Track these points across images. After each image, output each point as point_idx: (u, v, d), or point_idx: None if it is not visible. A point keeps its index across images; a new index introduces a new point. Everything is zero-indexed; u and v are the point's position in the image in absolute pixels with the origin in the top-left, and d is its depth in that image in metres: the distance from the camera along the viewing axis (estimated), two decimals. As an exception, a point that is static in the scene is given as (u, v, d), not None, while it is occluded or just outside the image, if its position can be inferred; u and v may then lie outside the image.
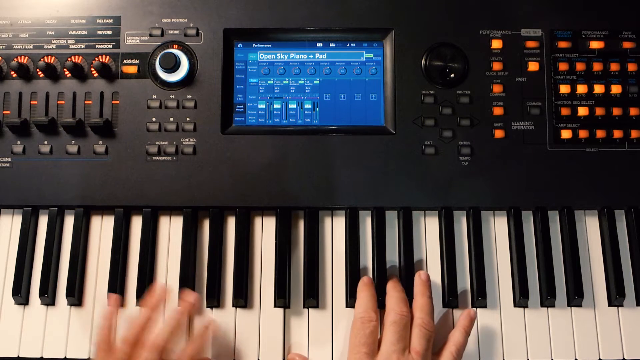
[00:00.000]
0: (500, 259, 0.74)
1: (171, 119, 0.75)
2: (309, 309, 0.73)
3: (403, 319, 0.67)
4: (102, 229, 0.75)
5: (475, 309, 0.72)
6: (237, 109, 0.77)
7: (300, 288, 0.73)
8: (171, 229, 0.75)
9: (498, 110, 0.75)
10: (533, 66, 0.76)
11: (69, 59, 0.76)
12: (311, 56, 0.78)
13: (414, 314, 0.69)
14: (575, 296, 0.72)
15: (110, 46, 0.77)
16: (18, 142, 0.75)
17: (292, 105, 0.77)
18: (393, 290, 0.70)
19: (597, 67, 0.76)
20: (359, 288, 0.71)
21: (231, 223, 0.75)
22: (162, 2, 0.77)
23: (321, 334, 0.72)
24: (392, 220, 0.75)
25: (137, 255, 0.73)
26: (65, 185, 0.74)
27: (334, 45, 0.78)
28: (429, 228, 0.75)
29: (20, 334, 0.72)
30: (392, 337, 0.66)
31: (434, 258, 0.74)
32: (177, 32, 0.77)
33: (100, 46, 0.77)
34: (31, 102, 0.76)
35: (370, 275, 0.73)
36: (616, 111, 0.75)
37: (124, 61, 0.76)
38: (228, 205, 0.74)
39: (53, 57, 0.76)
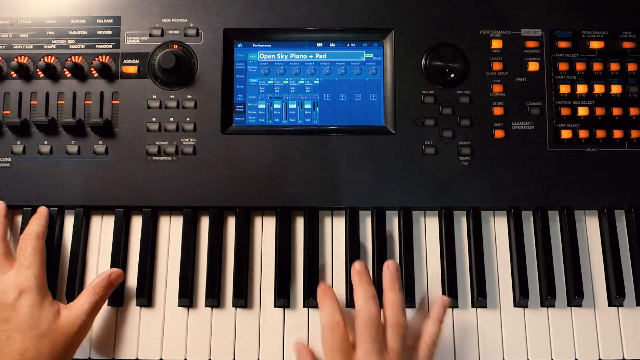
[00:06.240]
0: (500, 259, 0.74)
1: (171, 119, 0.75)
2: (309, 308, 0.72)
3: (374, 320, 0.64)
4: (102, 229, 0.75)
5: (446, 297, 0.71)
6: (237, 109, 0.77)
7: (300, 288, 0.73)
8: (171, 229, 0.75)
9: (498, 110, 0.75)
10: (533, 66, 0.76)
11: (69, 59, 0.76)
12: (311, 56, 0.78)
13: (385, 312, 0.66)
14: (575, 296, 0.72)
15: (110, 46, 0.77)
16: (18, 142, 0.75)
17: (292, 105, 0.77)
18: (359, 287, 0.67)
19: (597, 67, 0.76)
20: (318, 297, 0.68)
21: (231, 223, 0.75)
22: (162, 2, 0.77)
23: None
24: (392, 220, 0.75)
25: (137, 255, 0.73)
26: (65, 185, 0.74)
27: (334, 45, 0.78)
28: (429, 228, 0.75)
29: (20, 334, 0.72)
30: (366, 341, 0.63)
31: (434, 258, 0.74)
32: (177, 32, 0.77)
33: (100, 46, 0.77)
34: (31, 102, 0.76)
35: (371, 274, 0.73)
36: (616, 111, 0.75)
37: (124, 61, 0.76)
38: (228, 205, 0.74)
39: (53, 57, 0.76)
